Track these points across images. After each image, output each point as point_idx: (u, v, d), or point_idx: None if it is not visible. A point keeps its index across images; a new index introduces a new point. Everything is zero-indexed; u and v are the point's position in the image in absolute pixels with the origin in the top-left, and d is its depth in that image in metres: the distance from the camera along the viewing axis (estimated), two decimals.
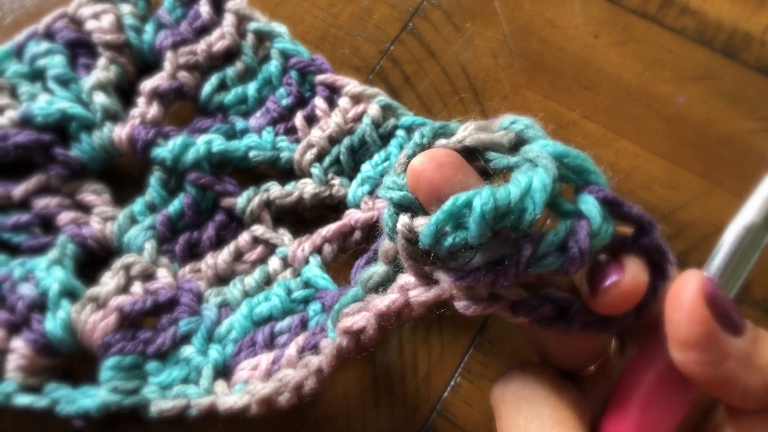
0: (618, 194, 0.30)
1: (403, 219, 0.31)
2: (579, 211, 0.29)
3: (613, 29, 0.57)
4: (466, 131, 0.32)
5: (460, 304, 0.32)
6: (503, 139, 0.31)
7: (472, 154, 0.32)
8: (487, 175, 0.32)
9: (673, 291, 0.28)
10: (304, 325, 0.46)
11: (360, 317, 0.37)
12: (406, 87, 0.56)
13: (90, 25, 0.53)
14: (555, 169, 0.29)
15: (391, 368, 0.49)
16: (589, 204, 0.29)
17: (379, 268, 0.37)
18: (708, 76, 0.56)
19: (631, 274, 0.29)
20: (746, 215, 0.30)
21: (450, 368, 0.49)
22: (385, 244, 0.36)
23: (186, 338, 0.47)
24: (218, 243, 0.51)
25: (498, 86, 0.56)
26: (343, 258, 0.51)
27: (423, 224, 0.30)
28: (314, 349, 0.43)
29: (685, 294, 0.27)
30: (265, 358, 0.45)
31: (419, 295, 0.33)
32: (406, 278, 0.35)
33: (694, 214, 0.52)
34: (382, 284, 0.37)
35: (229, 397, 0.43)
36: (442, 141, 0.32)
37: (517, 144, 0.31)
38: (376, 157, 0.52)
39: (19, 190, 0.50)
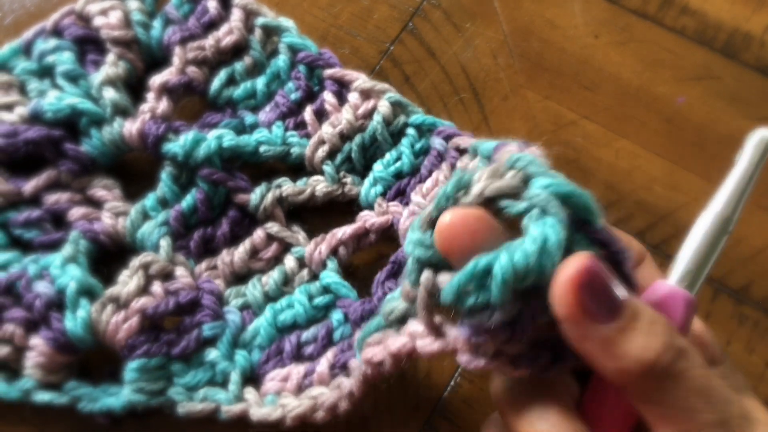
0: (609, 234, 0.31)
1: (427, 274, 0.32)
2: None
3: (613, 29, 0.58)
4: (482, 182, 0.32)
5: (463, 359, 0.33)
6: (515, 181, 0.32)
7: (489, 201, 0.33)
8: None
9: (557, 272, 0.29)
10: (329, 335, 0.48)
11: (379, 351, 0.38)
12: (406, 87, 0.56)
13: (98, 21, 0.53)
14: (563, 214, 0.30)
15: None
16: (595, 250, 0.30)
17: (400, 305, 0.38)
18: (708, 76, 0.56)
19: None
20: (714, 206, 0.35)
21: (450, 368, 0.50)
22: (406, 285, 0.36)
23: (209, 341, 0.48)
24: (232, 239, 0.52)
25: (498, 86, 0.56)
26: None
27: (446, 281, 0.31)
28: (344, 367, 0.45)
29: (560, 277, 0.29)
30: (295, 371, 0.46)
31: (425, 346, 0.34)
32: (416, 326, 0.35)
33: (694, 214, 0.52)
34: (403, 319, 0.38)
35: (263, 409, 0.45)
36: (464, 198, 0.32)
37: (525, 179, 0.32)
38: (388, 156, 0.52)
39: (29, 185, 0.50)
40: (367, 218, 0.51)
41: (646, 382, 0.30)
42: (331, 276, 0.50)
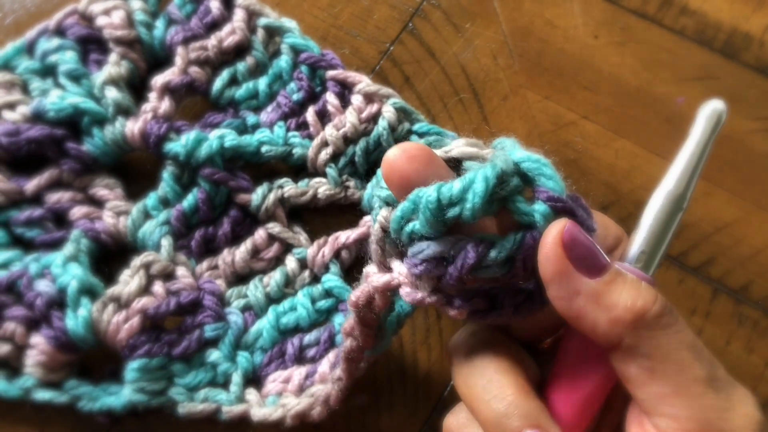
0: (568, 197, 0.33)
1: (383, 211, 0.34)
2: (531, 217, 0.32)
3: (613, 29, 0.58)
4: (454, 143, 0.35)
5: (403, 291, 0.34)
6: (486, 154, 0.34)
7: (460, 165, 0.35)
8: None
9: (542, 235, 0.31)
10: (331, 338, 0.48)
11: (348, 315, 0.39)
12: (405, 87, 0.56)
13: (101, 21, 0.53)
14: (507, 167, 0.31)
15: (391, 368, 0.50)
16: (540, 213, 0.32)
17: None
18: (707, 76, 0.56)
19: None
20: (666, 183, 0.34)
21: (450, 368, 0.50)
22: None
23: (211, 342, 0.48)
24: (234, 239, 0.52)
25: (498, 86, 0.57)
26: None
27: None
28: None
29: (546, 237, 0.31)
30: (297, 373, 0.47)
31: (375, 280, 0.35)
32: (370, 267, 0.37)
33: (694, 214, 0.53)
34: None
35: (264, 409, 0.45)
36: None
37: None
38: None
39: (31, 184, 0.50)
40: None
41: (638, 331, 0.30)
42: (333, 280, 0.50)
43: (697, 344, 0.31)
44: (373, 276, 0.36)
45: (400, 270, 0.34)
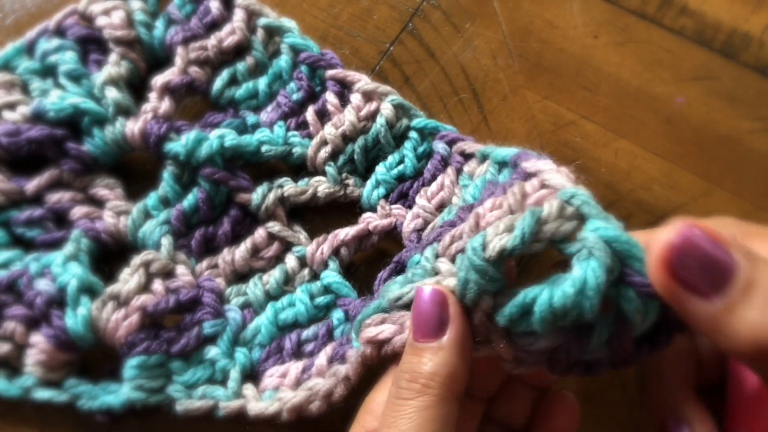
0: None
1: (488, 300, 0.35)
2: (621, 306, 0.32)
3: (613, 30, 0.58)
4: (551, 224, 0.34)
5: (508, 366, 0.36)
6: (570, 226, 0.34)
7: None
8: None
9: (651, 249, 0.29)
10: (330, 333, 0.48)
11: (385, 328, 0.40)
12: (405, 87, 0.57)
13: (101, 21, 0.53)
14: (608, 259, 0.31)
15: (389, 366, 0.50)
16: (633, 305, 0.32)
17: (410, 292, 0.39)
18: (707, 77, 0.56)
19: None
20: None
21: None
22: (427, 282, 0.38)
23: (210, 339, 0.48)
24: (234, 238, 0.52)
25: (497, 86, 0.57)
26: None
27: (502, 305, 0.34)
28: (342, 359, 0.45)
29: (651, 254, 0.29)
30: (294, 367, 0.47)
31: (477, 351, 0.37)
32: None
33: (694, 214, 0.53)
34: (407, 305, 0.39)
35: (260, 403, 0.45)
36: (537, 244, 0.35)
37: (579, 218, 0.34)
38: (390, 159, 0.53)
39: (31, 185, 0.50)
40: (370, 220, 0.51)
41: (764, 361, 0.27)
42: (332, 276, 0.50)
43: None
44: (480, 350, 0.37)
45: (507, 349, 0.36)
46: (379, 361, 0.41)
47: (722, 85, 0.56)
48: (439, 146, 0.52)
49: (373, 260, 0.52)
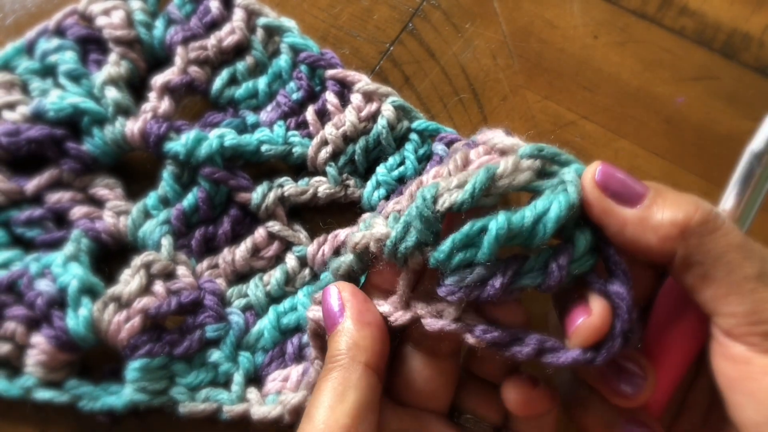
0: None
1: (418, 254, 0.36)
2: (573, 237, 0.35)
3: (613, 30, 0.58)
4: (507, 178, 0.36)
5: (426, 321, 0.37)
6: (531, 175, 0.36)
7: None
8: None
9: (583, 181, 0.35)
10: None
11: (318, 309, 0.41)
12: (405, 87, 0.56)
13: (100, 21, 0.53)
14: (578, 195, 0.34)
15: None
16: (585, 236, 0.35)
17: (346, 258, 0.40)
18: (707, 77, 0.56)
19: (597, 314, 0.34)
20: (755, 144, 0.37)
21: None
22: (355, 237, 0.39)
23: (212, 342, 0.48)
24: (234, 238, 0.52)
25: (497, 86, 0.57)
26: None
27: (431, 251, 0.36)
28: None
29: (585, 181, 0.35)
30: (295, 371, 0.47)
31: (397, 318, 0.39)
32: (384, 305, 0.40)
33: None
34: (350, 273, 0.41)
35: (263, 407, 0.46)
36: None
37: (545, 171, 0.37)
38: (391, 160, 0.53)
39: (31, 184, 0.50)
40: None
41: (686, 241, 0.33)
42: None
43: (747, 244, 0.33)
44: (393, 315, 0.39)
45: (424, 306, 0.38)
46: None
47: (722, 85, 0.56)
48: (439, 148, 0.52)
49: None
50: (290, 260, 0.51)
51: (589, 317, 0.34)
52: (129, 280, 0.48)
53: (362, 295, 0.40)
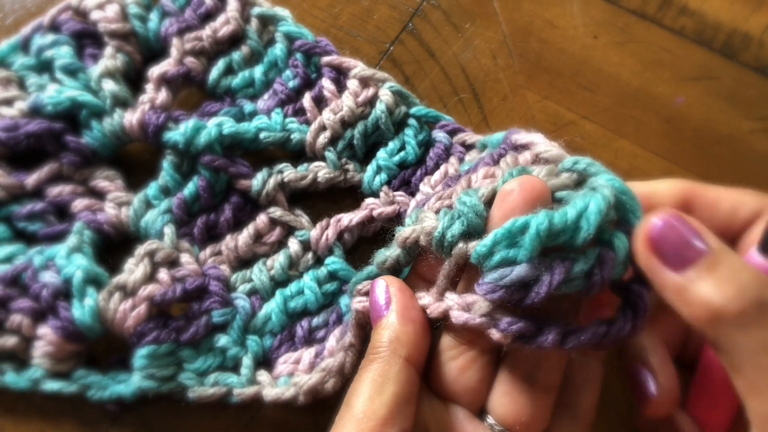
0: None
1: (463, 246, 0.37)
2: (611, 243, 0.34)
3: (612, 30, 0.57)
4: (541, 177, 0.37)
5: (454, 314, 0.38)
6: (569, 181, 0.37)
7: None
8: None
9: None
10: (340, 319, 0.50)
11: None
12: (406, 87, 0.56)
13: (95, 15, 0.53)
14: (613, 197, 0.34)
15: None
16: (622, 242, 0.34)
17: (393, 252, 0.41)
18: (707, 77, 0.56)
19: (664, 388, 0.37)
20: None
21: None
22: (404, 232, 0.40)
23: (219, 327, 0.49)
24: (235, 225, 0.52)
25: (497, 86, 0.57)
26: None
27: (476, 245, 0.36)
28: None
29: (637, 235, 0.34)
30: (307, 353, 0.48)
31: (433, 309, 0.40)
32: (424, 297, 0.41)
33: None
34: (395, 267, 0.42)
35: (275, 389, 0.46)
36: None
37: (580, 182, 0.37)
38: (390, 145, 0.53)
39: (31, 179, 0.50)
40: (374, 207, 0.51)
41: (714, 328, 0.31)
42: (337, 262, 0.51)
43: None
44: (431, 306, 0.40)
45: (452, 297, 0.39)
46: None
47: (722, 85, 0.56)
48: (440, 136, 0.53)
49: (374, 240, 0.53)
50: (293, 245, 0.52)
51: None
52: (133, 269, 0.49)
53: (409, 292, 0.41)
